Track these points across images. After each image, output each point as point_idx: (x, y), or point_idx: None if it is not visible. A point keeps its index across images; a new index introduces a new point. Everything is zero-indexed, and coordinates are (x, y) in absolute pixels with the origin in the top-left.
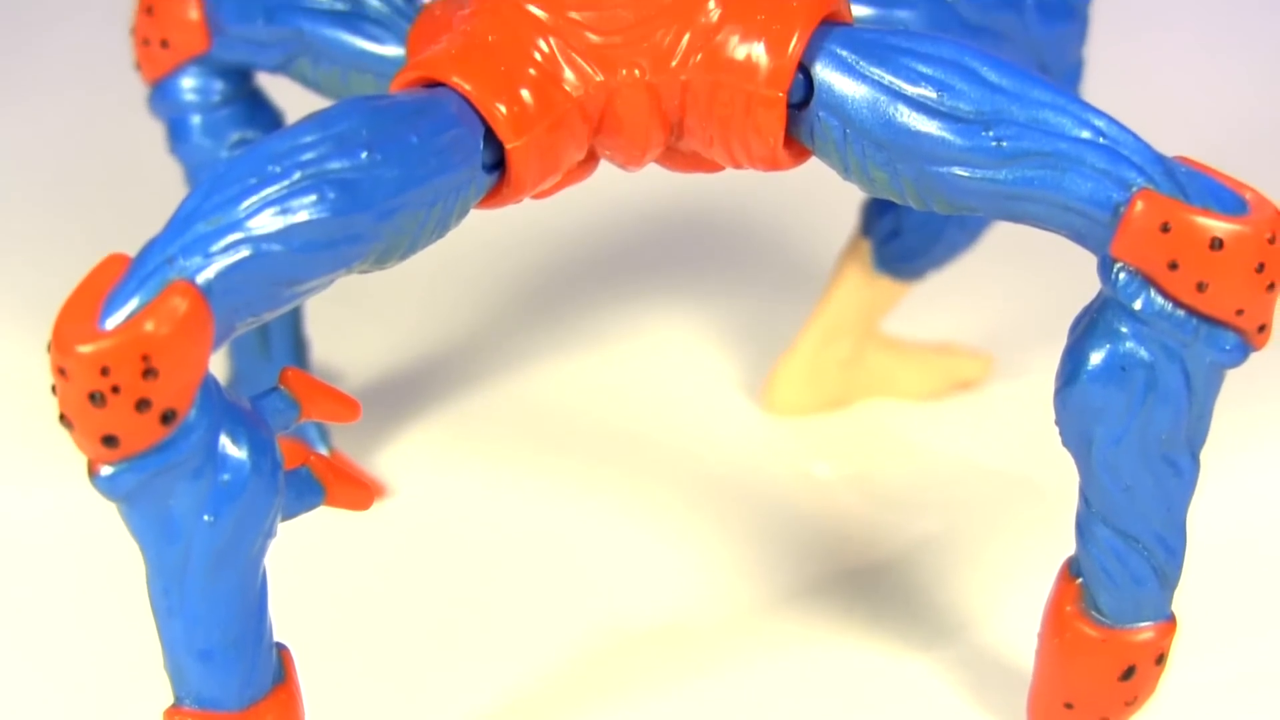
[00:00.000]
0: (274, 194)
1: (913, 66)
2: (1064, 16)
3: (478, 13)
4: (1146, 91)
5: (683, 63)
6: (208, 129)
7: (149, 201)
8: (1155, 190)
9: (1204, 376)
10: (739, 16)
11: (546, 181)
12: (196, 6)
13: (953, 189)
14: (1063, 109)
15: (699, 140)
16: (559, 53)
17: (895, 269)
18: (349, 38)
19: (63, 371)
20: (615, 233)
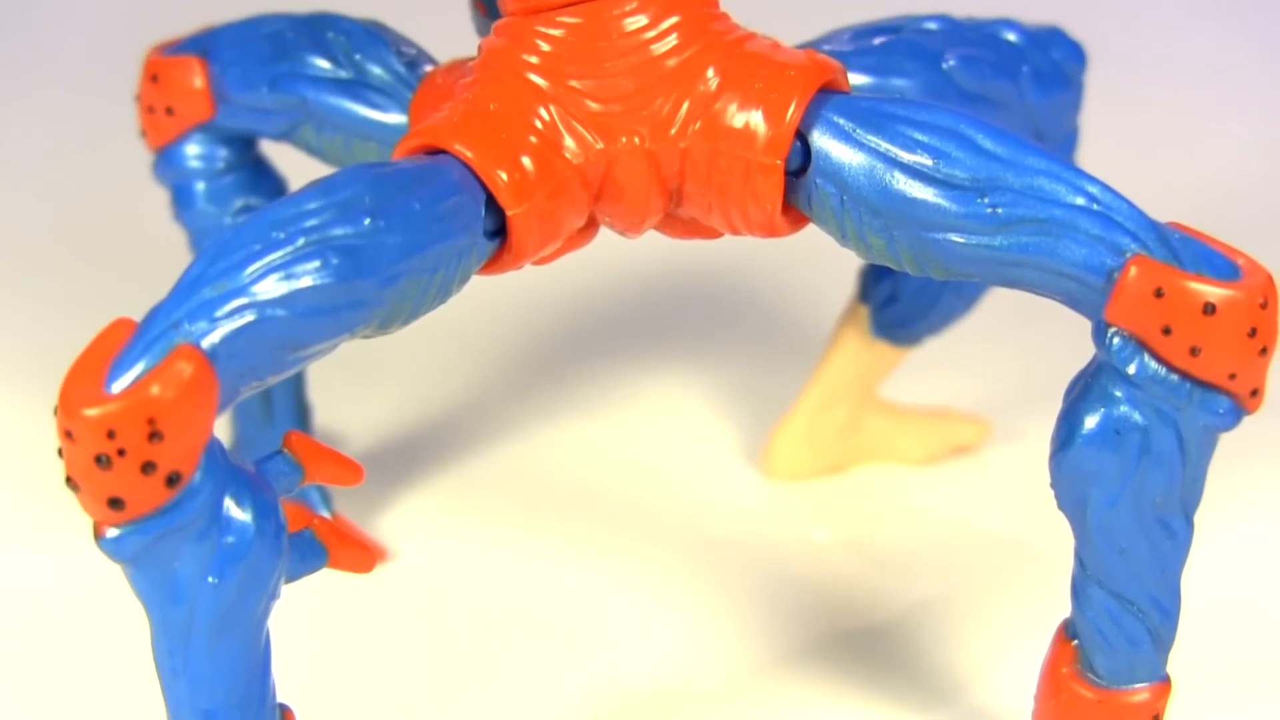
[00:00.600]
0: (278, 260)
1: (909, 134)
2: (1059, 85)
3: (479, 81)
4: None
5: (682, 130)
6: (212, 195)
7: (154, 267)
8: (1149, 256)
9: (1198, 440)
10: (737, 85)
11: (547, 248)
12: (201, 75)
13: (949, 255)
14: (1057, 176)
15: (698, 207)
16: (560, 121)
17: (893, 335)
18: (352, 106)
19: (69, 434)
20: (615, 299)
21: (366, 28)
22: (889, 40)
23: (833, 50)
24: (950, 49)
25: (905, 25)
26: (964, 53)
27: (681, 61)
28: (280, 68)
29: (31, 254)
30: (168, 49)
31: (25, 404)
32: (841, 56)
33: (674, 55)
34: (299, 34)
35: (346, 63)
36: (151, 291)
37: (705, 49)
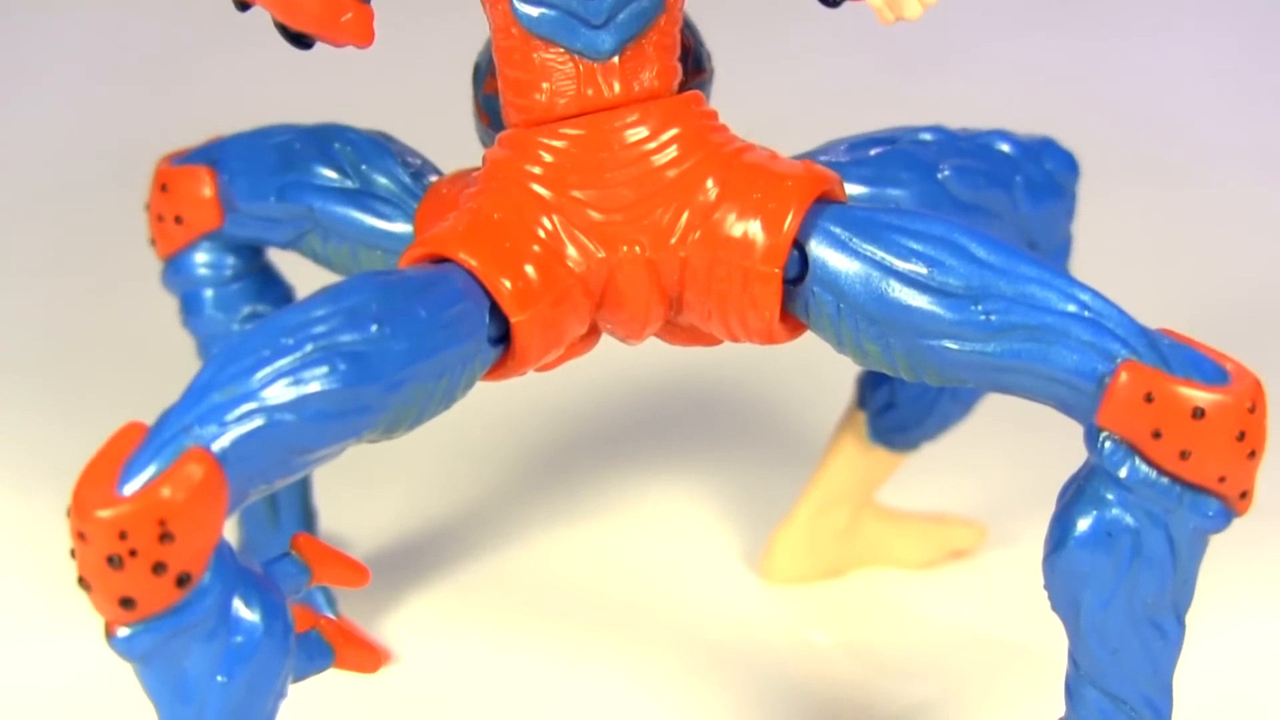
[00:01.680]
0: (287, 365)
1: (904, 243)
2: (1052, 194)
3: (484, 191)
4: (1132, 264)
5: (682, 240)
6: (220, 303)
7: (163, 373)
8: (1139, 361)
9: (1188, 542)
10: (736, 195)
11: (550, 354)
12: (210, 184)
13: (943, 361)
14: (1049, 284)
15: (698, 314)
16: (562, 230)
17: (890, 440)
18: (359, 215)
19: (82, 535)
20: (616, 405)
21: (372, 139)
22: (885, 151)
23: (829, 161)
24: (945, 160)
25: (901, 136)
26: (958, 163)
27: (681, 172)
28: (288, 178)
29: (43, 360)
30: (177, 159)
31: (38, 506)
32: (838, 167)
33: (674, 166)
34: (306, 145)
35: (353, 173)
36: (161, 396)
37: (705, 160)
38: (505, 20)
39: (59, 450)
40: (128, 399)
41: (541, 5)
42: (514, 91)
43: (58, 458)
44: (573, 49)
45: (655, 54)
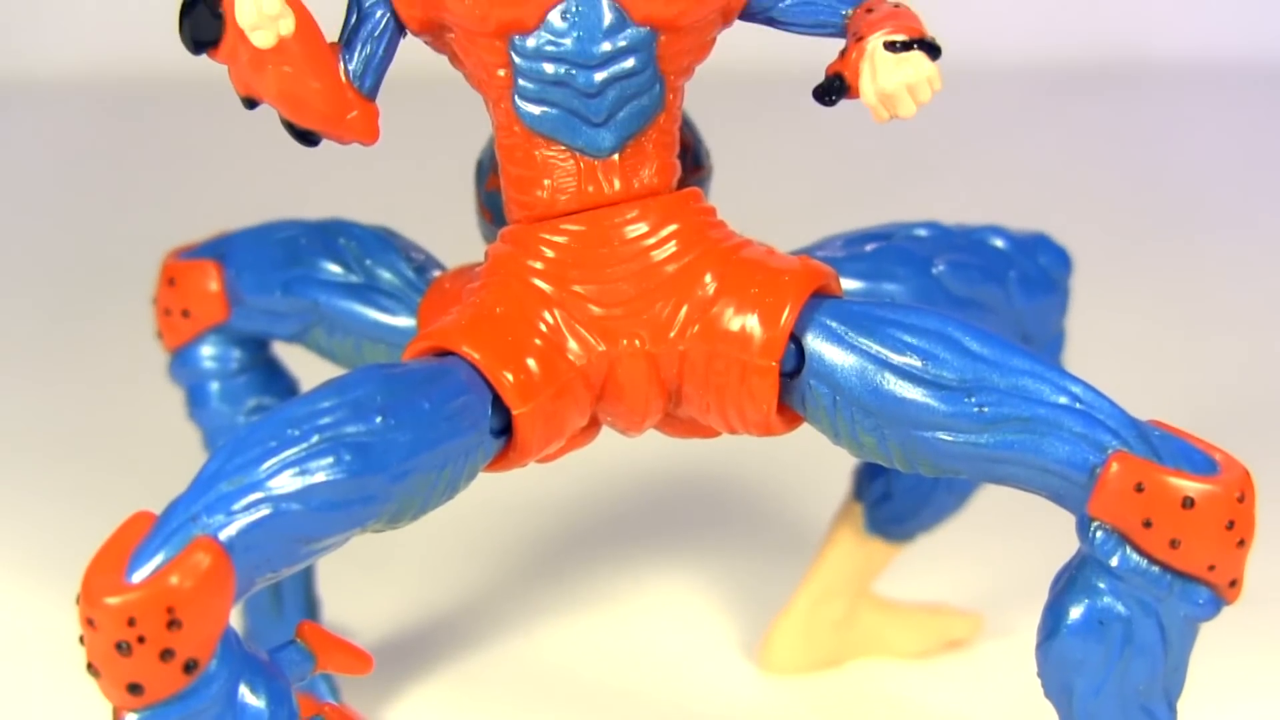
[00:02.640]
0: (293, 456)
1: (899, 336)
2: (1045, 289)
3: (486, 285)
4: (1125, 358)
5: (681, 333)
6: (226, 395)
7: (169, 464)
8: (1129, 452)
9: (1179, 629)
10: (734, 290)
11: (551, 446)
12: (217, 278)
13: (938, 453)
14: (1041, 376)
15: (696, 407)
16: (563, 324)
17: (887, 531)
18: (363, 309)
19: (91, 622)
20: (616, 496)
21: (377, 234)
22: (880, 246)
23: (826, 256)
24: (939, 255)
25: (896, 232)
26: (953, 258)
27: (680, 267)
28: (293, 272)
29: (52, 449)
30: (184, 253)
31: (47, 593)
32: (834, 262)
33: (673, 261)
34: (311, 240)
35: (357, 268)
36: (169, 487)
37: (703, 255)
38: (508, 118)
39: (67, 538)
40: (135, 489)
41: (543, 104)
42: (516, 188)
43: (66, 545)
44: (574, 146)
45: (655, 151)
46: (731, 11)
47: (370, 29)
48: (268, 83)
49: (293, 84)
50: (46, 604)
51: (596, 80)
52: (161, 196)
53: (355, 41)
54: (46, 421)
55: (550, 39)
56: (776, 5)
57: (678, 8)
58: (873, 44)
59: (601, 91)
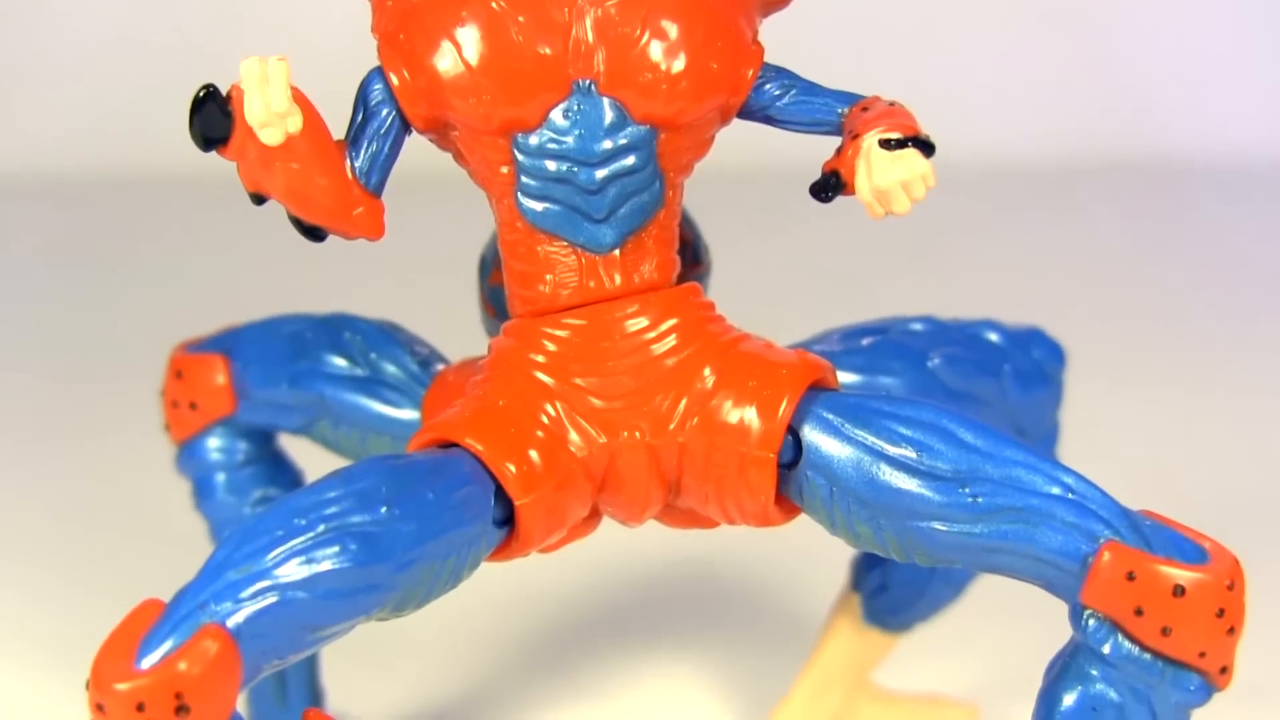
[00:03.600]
0: (300, 545)
1: (894, 428)
2: (1040, 383)
3: (489, 379)
4: (1118, 450)
5: (680, 426)
6: (232, 487)
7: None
8: (1121, 542)
9: (1171, 716)
10: (732, 383)
11: (553, 536)
12: (224, 372)
13: (932, 543)
14: (1034, 467)
15: (696, 498)
16: (565, 416)
17: (884, 622)
18: (368, 402)
19: (100, 708)
20: (616, 587)
21: (381, 328)
22: (876, 341)
23: (823, 350)
24: (935, 349)
25: (892, 326)
26: (948, 352)
27: (680, 361)
28: (299, 366)
29: (60, 541)
30: (191, 346)
31: (56, 681)
32: (831, 356)
33: (673, 355)
34: (317, 334)
35: (363, 361)
36: (176, 576)
37: (702, 349)
38: (510, 215)
39: (77, 625)
40: (143, 578)
41: (545, 200)
42: (518, 283)
43: (75, 632)
44: (575, 243)
45: (655, 247)
46: (730, 110)
47: (376, 127)
48: (275, 179)
49: (300, 180)
50: (56, 690)
51: (598, 177)
52: (169, 290)
53: (361, 139)
54: (56, 511)
55: (552, 137)
56: (774, 104)
57: (677, 106)
58: (868, 141)
59: (603, 188)
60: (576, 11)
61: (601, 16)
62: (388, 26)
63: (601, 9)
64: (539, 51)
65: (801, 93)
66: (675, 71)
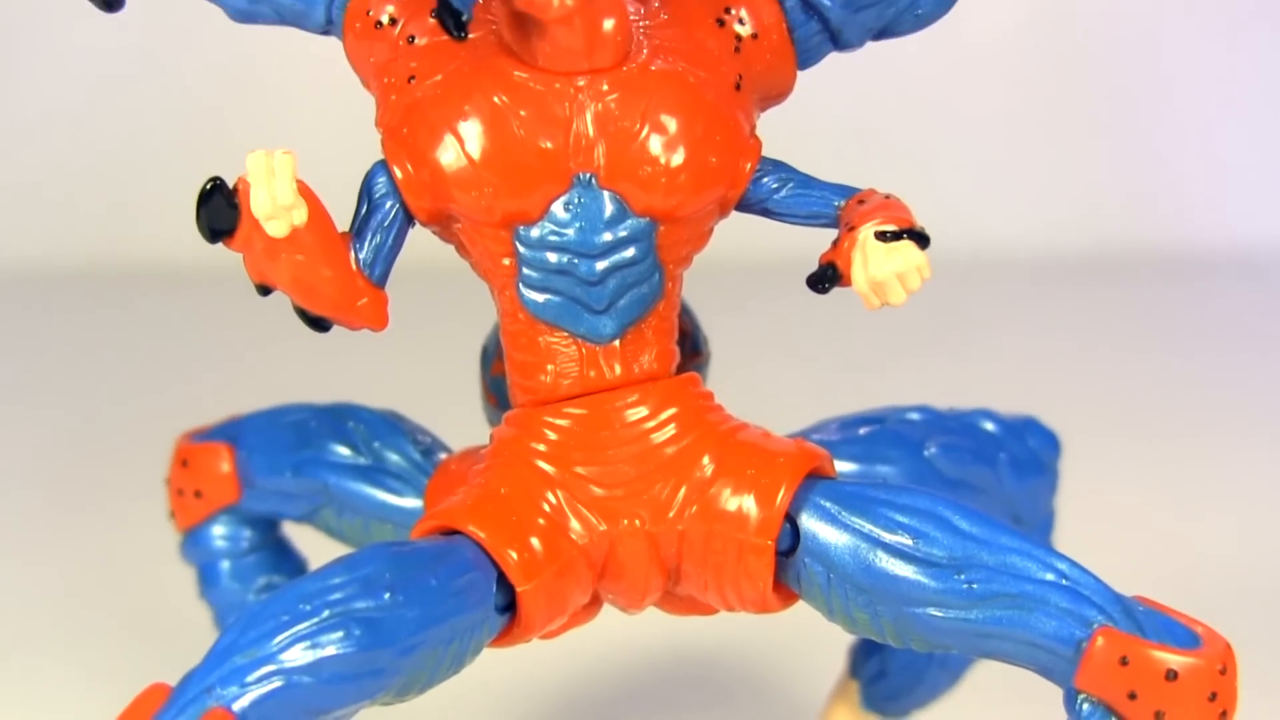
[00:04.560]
0: (305, 630)
1: (890, 515)
2: (1035, 471)
3: (491, 467)
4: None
5: (679, 513)
6: (236, 574)
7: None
8: (1114, 627)
9: None
10: (731, 471)
11: (554, 622)
12: (229, 460)
13: (929, 628)
14: (1028, 554)
15: (695, 585)
16: (566, 504)
17: (883, 708)
18: (371, 491)
19: None
20: (617, 673)
21: (385, 417)
22: (873, 430)
23: (821, 439)
24: (931, 438)
25: (889, 416)
26: (944, 441)
27: (679, 450)
28: (303, 454)
29: (68, 627)
30: (197, 435)
31: None
32: (829, 445)
33: (672, 444)
34: (321, 423)
35: (366, 450)
36: (182, 662)
37: (701, 438)
38: (512, 306)
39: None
40: (150, 663)
41: (547, 291)
42: (520, 373)
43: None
44: (576, 333)
45: (654, 338)
46: (729, 202)
47: (380, 219)
48: (281, 270)
49: (305, 272)
50: None
51: (598, 269)
52: (175, 381)
53: (366, 231)
54: (62, 598)
55: (554, 229)
56: (772, 197)
57: (676, 199)
58: (864, 234)
59: (603, 280)
60: (577, 106)
61: (602, 111)
62: (392, 121)
63: (602, 103)
64: (540, 145)
65: (799, 186)
66: (674, 165)
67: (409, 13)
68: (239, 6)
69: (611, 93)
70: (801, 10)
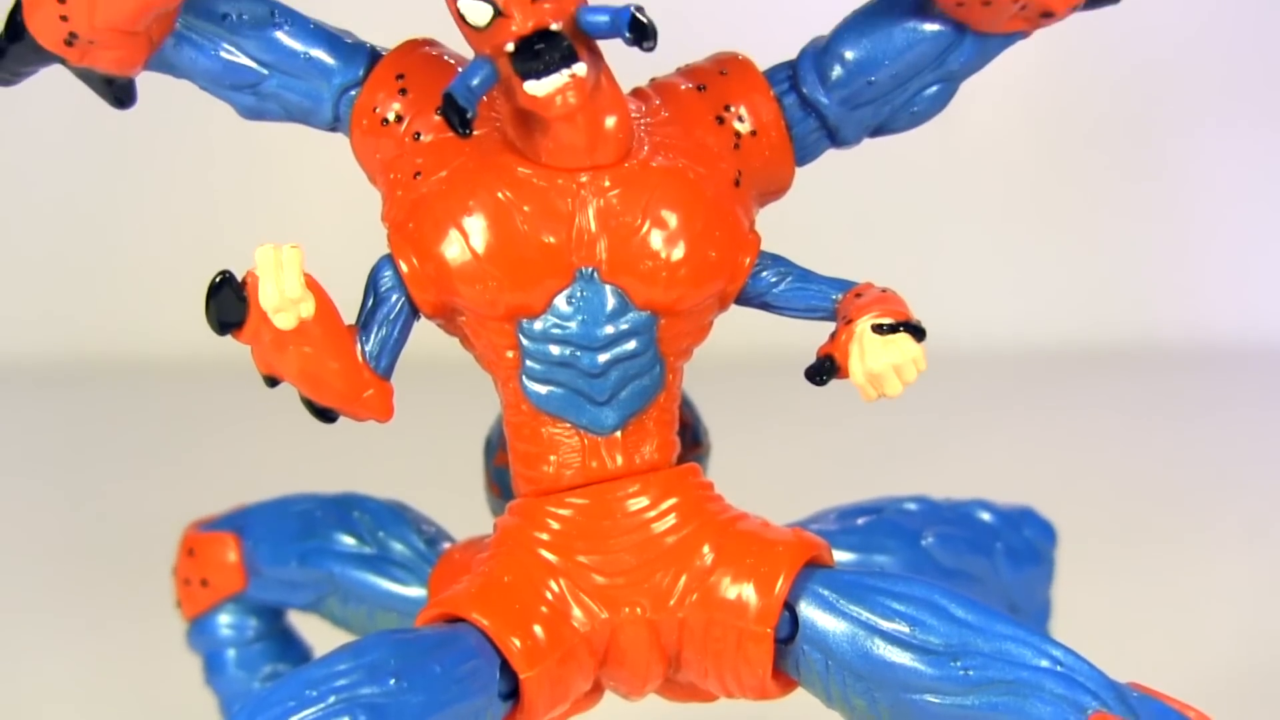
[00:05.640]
0: (311, 715)
1: (887, 604)
2: (1031, 561)
3: (495, 556)
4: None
5: (680, 602)
6: (242, 662)
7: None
8: (1109, 713)
9: None
10: (730, 560)
11: (556, 709)
12: (235, 549)
13: (926, 715)
14: (1024, 641)
15: (695, 672)
16: (568, 593)
17: None
18: (376, 580)
19: None
20: None
21: (390, 507)
22: (871, 520)
23: (819, 529)
24: (928, 528)
25: (887, 506)
26: (941, 531)
27: (680, 539)
28: (309, 544)
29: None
30: (203, 525)
31: None
32: (827, 535)
33: (673, 533)
34: (327, 513)
35: (371, 540)
36: None
37: (701, 527)
38: (515, 397)
39: None
40: None
41: (549, 383)
42: (523, 463)
43: None
44: (579, 424)
45: (655, 429)
46: (728, 296)
47: (386, 312)
48: (289, 362)
49: (312, 364)
50: None
51: (600, 361)
52: (183, 471)
53: (372, 324)
54: (67, 688)
55: (556, 322)
56: (771, 291)
57: (677, 293)
58: (861, 327)
59: (605, 372)
60: (579, 201)
61: (604, 206)
62: (398, 215)
63: (604, 199)
64: (544, 240)
65: (797, 280)
66: (675, 260)
67: (414, 110)
68: (248, 104)
69: (613, 188)
70: (799, 108)
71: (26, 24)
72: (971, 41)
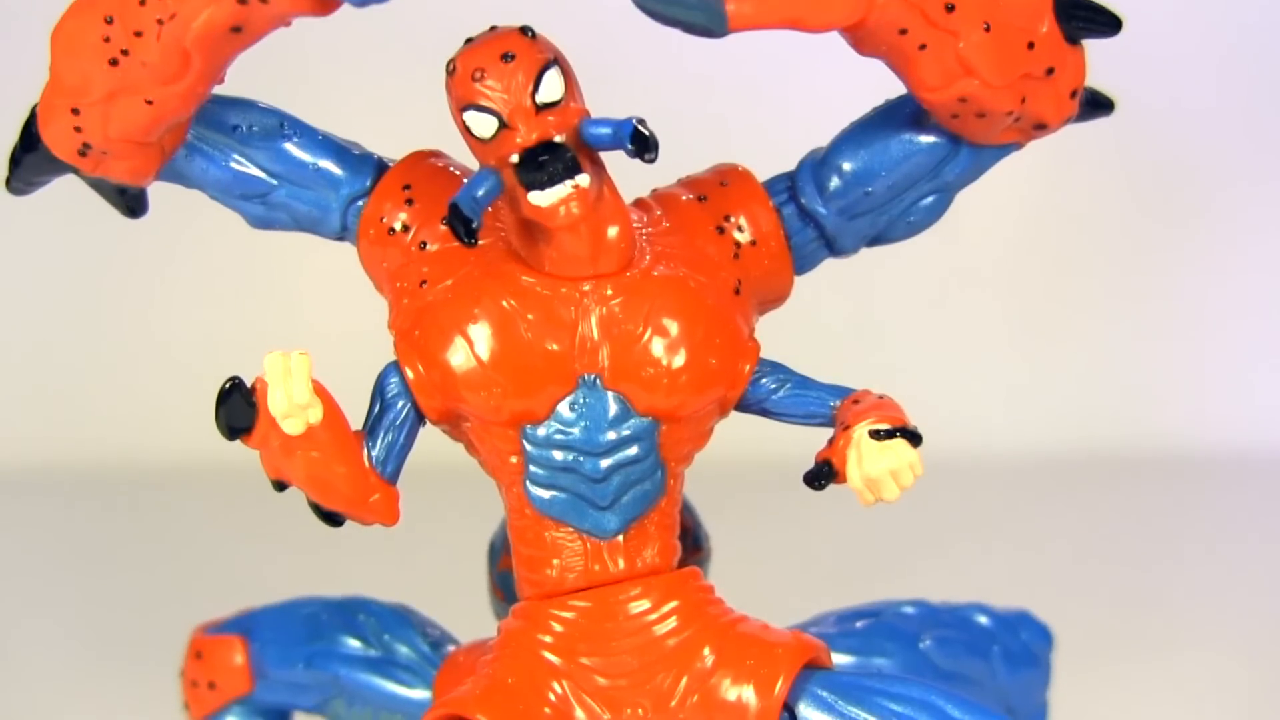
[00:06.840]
0: None
1: (886, 705)
2: (1028, 664)
3: (499, 658)
4: None
5: (681, 703)
6: None
7: None
8: None
9: None
10: (731, 662)
11: None
12: (242, 652)
13: None
14: None
15: None
16: (571, 694)
17: None
18: (381, 683)
19: None
20: None
21: (395, 610)
22: (870, 623)
23: (818, 632)
24: (926, 631)
25: (884, 609)
26: (939, 634)
27: (681, 641)
28: (315, 647)
29: None
30: (210, 628)
31: None
32: (826, 638)
33: (674, 636)
34: (333, 616)
35: (376, 643)
36: None
37: (702, 630)
38: (519, 502)
39: None
40: None
41: (553, 488)
42: (526, 567)
43: None
44: (581, 529)
45: (657, 533)
46: (728, 403)
47: (392, 418)
48: (296, 467)
49: (320, 468)
50: None
51: (602, 467)
52: (189, 575)
53: (378, 429)
54: None
55: (559, 428)
56: (770, 397)
57: (678, 400)
58: (858, 432)
59: (607, 477)
60: (582, 310)
61: (606, 314)
62: (404, 323)
63: (606, 307)
64: (547, 348)
65: (796, 387)
66: (676, 367)
67: (421, 220)
68: (256, 214)
69: (616, 297)
70: (798, 218)
71: (41, 134)
72: (967, 153)
